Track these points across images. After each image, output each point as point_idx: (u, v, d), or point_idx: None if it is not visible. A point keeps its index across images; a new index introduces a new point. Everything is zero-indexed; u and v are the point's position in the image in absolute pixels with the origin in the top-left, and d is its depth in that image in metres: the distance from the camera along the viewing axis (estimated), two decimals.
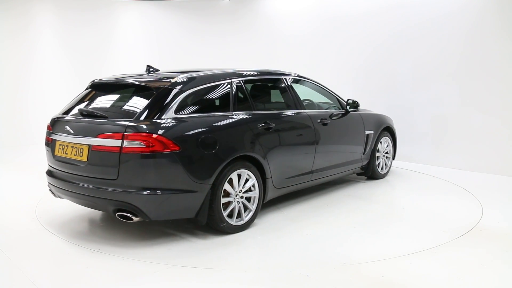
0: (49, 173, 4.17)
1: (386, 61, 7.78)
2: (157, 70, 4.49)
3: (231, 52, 10.12)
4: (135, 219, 3.58)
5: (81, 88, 5.09)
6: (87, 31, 10.05)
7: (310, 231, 4.10)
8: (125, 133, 3.48)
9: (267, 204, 4.80)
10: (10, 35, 9.23)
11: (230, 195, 3.96)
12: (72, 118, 4.03)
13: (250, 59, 9.74)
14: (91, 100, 4.14)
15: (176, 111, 3.72)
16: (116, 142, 3.49)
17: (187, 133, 3.67)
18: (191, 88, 3.91)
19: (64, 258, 3.57)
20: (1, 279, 3.19)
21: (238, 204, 4.04)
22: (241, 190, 4.04)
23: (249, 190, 4.14)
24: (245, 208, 4.14)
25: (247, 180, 4.11)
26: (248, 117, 4.22)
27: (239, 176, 4.03)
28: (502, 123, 6.44)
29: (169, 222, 4.30)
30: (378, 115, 6.12)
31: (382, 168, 6.12)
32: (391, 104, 7.57)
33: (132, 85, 4.01)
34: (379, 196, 5.38)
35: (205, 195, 3.74)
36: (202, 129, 3.76)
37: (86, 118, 3.89)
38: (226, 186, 3.90)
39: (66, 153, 3.88)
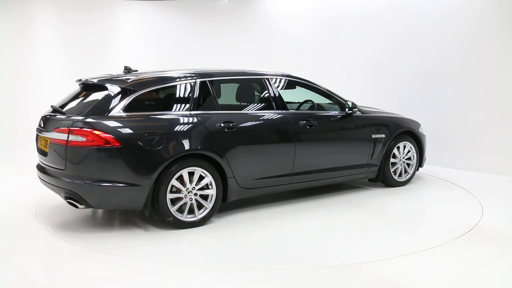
0: (37, 165, 4.55)
1: (386, 61, 7.78)
2: (136, 71, 4.65)
3: (231, 52, 10.12)
4: (80, 206, 3.96)
5: None
6: (87, 31, 10.05)
7: (258, 234, 4.04)
8: (71, 128, 3.84)
9: (243, 203, 4.84)
10: (10, 35, 9.24)
11: (181, 191, 4.07)
12: (48, 114, 4.36)
13: (250, 59, 9.74)
14: (69, 98, 4.44)
15: (125, 110, 3.98)
16: (64, 136, 3.88)
17: (130, 130, 3.90)
18: (145, 89, 4.14)
19: (64, 258, 3.57)
20: (1, 279, 3.19)
21: (191, 201, 4.13)
22: (194, 188, 4.12)
23: (207, 188, 4.22)
24: (202, 205, 4.21)
25: (203, 178, 4.19)
26: (206, 116, 4.28)
27: (191, 173, 4.11)
28: (502, 123, 6.44)
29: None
30: (396, 118, 5.70)
31: (400, 175, 5.69)
32: (391, 104, 7.56)
33: (94, 84, 4.27)
34: (372, 202, 5.12)
35: (148, 190, 3.92)
36: (146, 127, 3.99)
37: (54, 114, 4.25)
38: (175, 182, 4.03)
39: (41, 145, 4.30)
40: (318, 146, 4.97)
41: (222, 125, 4.30)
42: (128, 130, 3.89)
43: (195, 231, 4.10)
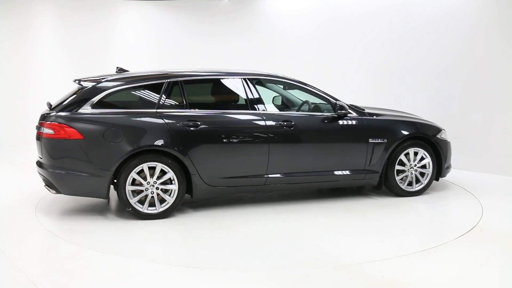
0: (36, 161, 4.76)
1: (387, 62, 7.77)
2: (127, 71, 4.96)
3: (231, 52, 10.10)
4: (52, 192, 4.43)
5: None
6: (87, 31, 10.04)
7: (206, 233, 4.08)
8: (45, 122, 4.33)
9: (224, 202, 4.92)
10: (10, 35, 9.23)
11: (142, 185, 4.36)
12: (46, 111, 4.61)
13: (250, 59, 9.73)
14: (64, 96, 4.70)
15: (94, 107, 4.35)
16: (41, 129, 4.38)
17: (93, 125, 4.29)
18: (114, 88, 4.47)
19: (64, 257, 3.58)
20: (1, 279, 3.20)
21: (152, 194, 4.38)
22: (155, 182, 4.36)
23: (170, 183, 4.42)
24: (164, 199, 4.43)
25: (166, 173, 4.41)
26: (171, 115, 4.48)
27: (153, 168, 4.36)
28: (502, 123, 6.44)
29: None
30: (405, 121, 5.26)
31: (410, 185, 5.18)
32: (391, 104, 7.55)
33: (80, 84, 4.60)
34: (370, 205, 4.99)
35: (108, 180, 4.29)
36: (109, 123, 4.33)
37: (47, 109, 4.54)
38: (135, 176, 4.33)
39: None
40: (298, 148, 4.80)
41: (186, 123, 4.45)
42: (91, 125, 4.29)
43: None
